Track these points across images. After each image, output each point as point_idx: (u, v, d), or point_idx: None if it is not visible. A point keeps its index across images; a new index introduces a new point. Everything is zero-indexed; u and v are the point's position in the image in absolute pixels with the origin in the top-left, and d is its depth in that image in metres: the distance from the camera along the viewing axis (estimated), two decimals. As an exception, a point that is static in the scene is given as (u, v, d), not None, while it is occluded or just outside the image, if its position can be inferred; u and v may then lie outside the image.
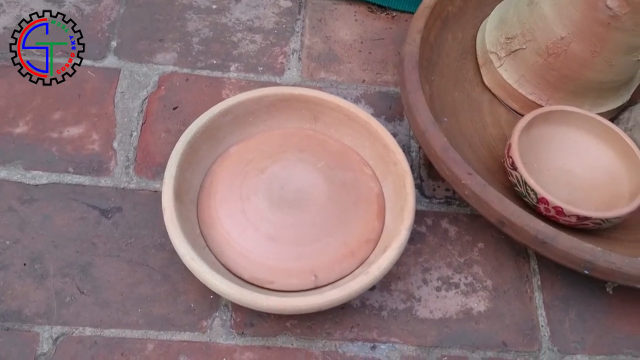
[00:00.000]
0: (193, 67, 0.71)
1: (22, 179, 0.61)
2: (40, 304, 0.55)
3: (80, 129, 0.65)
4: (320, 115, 0.64)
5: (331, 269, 0.56)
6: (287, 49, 0.74)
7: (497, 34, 0.69)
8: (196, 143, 0.59)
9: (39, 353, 0.53)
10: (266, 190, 0.58)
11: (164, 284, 0.57)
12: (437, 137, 0.58)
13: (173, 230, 0.53)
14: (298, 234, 0.56)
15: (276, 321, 0.57)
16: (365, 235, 0.58)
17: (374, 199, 0.60)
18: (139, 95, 0.68)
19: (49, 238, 0.58)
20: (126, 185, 0.62)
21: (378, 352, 0.56)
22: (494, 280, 0.61)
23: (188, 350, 0.54)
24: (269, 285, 0.55)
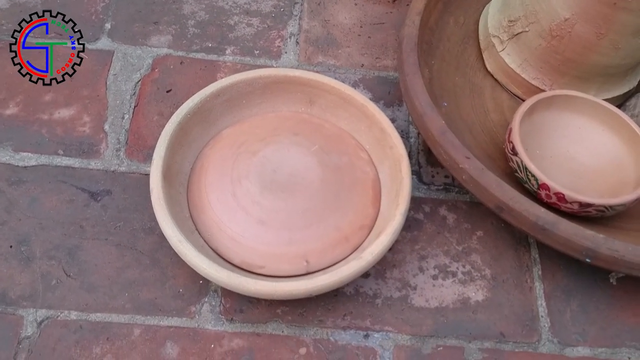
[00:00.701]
0: (188, 50, 0.69)
1: (11, 161, 0.60)
2: (25, 286, 0.54)
3: (71, 111, 0.64)
4: (316, 98, 0.62)
5: (324, 255, 0.54)
6: (284, 32, 0.72)
7: (499, 17, 0.67)
8: (187, 124, 0.58)
9: (23, 336, 0.52)
10: (258, 174, 0.56)
11: (152, 269, 0.56)
12: (435, 120, 0.56)
13: (160, 211, 0.52)
14: (290, 218, 0.55)
15: (267, 308, 0.55)
16: (360, 221, 0.56)
17: (369, 184, 0.58)
18: (132, 78, 0.67)
19: (36, 220, 0.57)
20: (116, 168, 0.61)
21: (371, 341, 0.54)
22: (493, 269, 0.59)
23: (175, 336, 0.53)
24: (259, 270, 0.53)
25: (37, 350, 0.51)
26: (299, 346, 0.54)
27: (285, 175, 0.57)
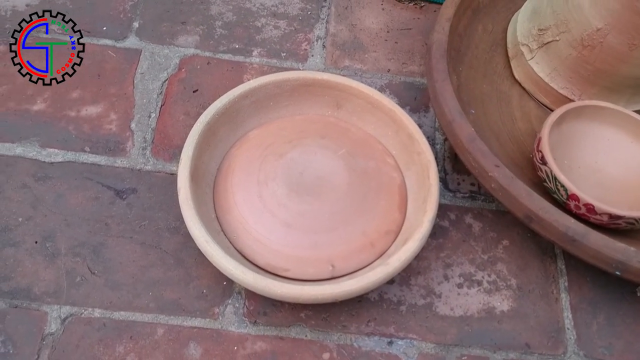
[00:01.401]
0: (215, 51, 0.69)
1: (38, 156, 0.60)
2: (50, 283, 0.54)
3: (99, 109, 0.64)
4: (343, 102, 0.62)
5: (349, 259, 0.54)
6: (311, 35, 0.72)
7: (529, 26, 0.67)
8: (215, 125, 0.57)
9: (47, 332, 0.52)
10: (285, 176, 0.56)
11: (176, 268, 0.56)
12: (464, 127, 0.56)
13: (187, 211, 0.51)
14: (316, 221, 0.54)
15: (290, 311, 0.55)
16: (386, 226, 0.56)
17: (395, 189, 0.58)
18: (159, 77, 0.67)
19: (61, 217, 0.57)
20: (142, 166, 0.61)
21: (395, 348, 0.54)
22: (519, 279, 0.58)
23: (199, 337, 0.53)
24: (284, 273, 0.53)
25: (60, 347, 0.51)
26: (322, 351, 0.53)
27: (312, 178, 0.56)
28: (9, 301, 0.53)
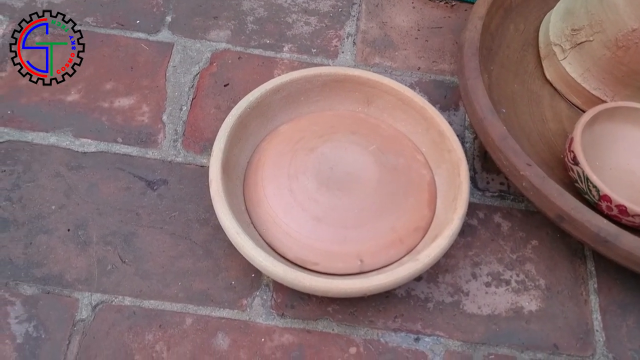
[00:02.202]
0: (246, 46, 0.70)
1: (71, 146, 0.61)
2: (81, 270, 0.55)
3: (131, 100, 0.64)
4: (374, 98, 0.62)
5: (378, 255, 0.54)
6: (341, 32, 0.72)
7: (562, 26, 0.66)
8: (246, 118, 0.58)
9: (78, 319, 0.52)
10: (315, 170, 0.56)
11: (205, 260, 0.56)
12: (496, 125, 0.56)
13: (219, 203, 0.52)
14: (345, 216, 0.55)
15: (318, 305, 0.55)
16: (415, 223, 0.56)
17: (425, 186, 0.58)
18: (190, 71, 0.67)
19: (94, 206, 0.58)
20: (173, 158, 0.61)
21: (422, 345, 0.54)
22: (548, 279, 0.58)
23: (227, 328, 0.53)
24: (313, 266, 0.53)
25: (91, 334, 0.52)
26: (349, 345, 0.53)
27: (342, 173, 0.57)
28: (42, 287, 0.54)
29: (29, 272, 0.54)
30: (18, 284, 0.54)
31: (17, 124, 0.62)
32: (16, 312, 0.52)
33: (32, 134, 0.61)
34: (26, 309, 0.52)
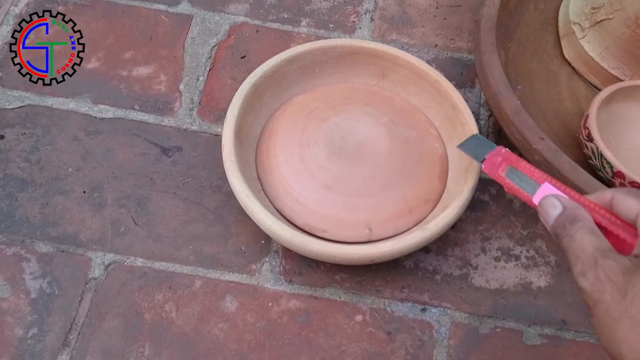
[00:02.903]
0: (264, 20, 0.70)
1: (90, 112, 0.62)
2: (95, 231, 0.56)
3: (149, 69, 0.65)
4: (389, 71, 0.62)
5: (386, 224, 0.54)
6: (360, 8, 0.72)
7: (582, 4, 0.66)
8: (261, 87, 0.58)
9: (90, 277, 0.54)
10: (327, 139, 0.57)
11: (216, 225, 0.57)
12: (510, 99, 0.55)
13: (230, 167, 0.53)
14: (355, 185, 0.55)
15: (325, 272, 0.55)
16: (425, 195, 0.56)
17: (437, 159, 0.58)
18: (208, 42, 0.68)
19: (109, 169, 0.59)
20: (188, 126, 0.62)
21: (428, 315, 0.54)
22: (558, 256, 0.57)
23: (235, 291, 0.54)
24: (321, 234, 0.54)
25: (102, 292, 0.53)
26: (355, 313, 0.54)
27: (354, 143, 0.57)
28: (57, 245, 0.55)
29: (45, 231, 0.56)
30: (34, 242, 0.55)
31: (38, 89, 0.63)
32: (31, 269, 0.54)
33: (52, 99, 0.63)
34: (41, 265, 0.54)
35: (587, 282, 0.34)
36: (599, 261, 0.34)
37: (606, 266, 0.34)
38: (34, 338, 0.51)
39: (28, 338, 0.51)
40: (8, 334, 0.51)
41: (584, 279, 0.35)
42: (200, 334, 0.52)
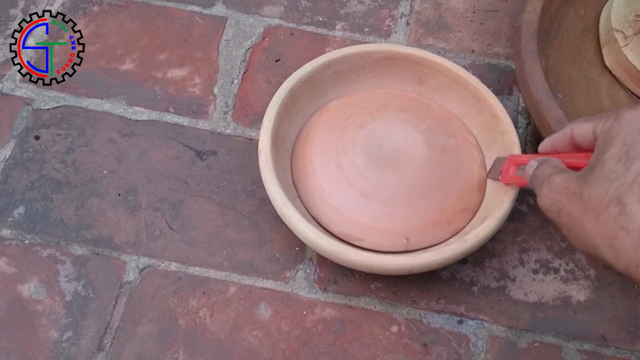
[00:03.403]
0: (299, 22, 0.69)
1: (124, 113, 0.62)
2: (130, 234, 0.56)
3: (184, 72, 0.65)
4: (427, 77, 0.61)
5: (424, 234, 0.53)
6: (395, 12, 0.71)
7: (625, 11, 0.64)
8: (297, 92, 0.58)
9: (125, 281, 0.53)
10: (364, 146, 0.56)
11: (250, 230, 0.56)
12: (552, 108, 0.54)
13: (267, 174, 0.52)
14: (393, 193, 0.54)
15: (360, 281, 0.55)
16: (463, 204, 0.55)
17: (475, 168, 0.57)
18: (243, 45, 0.67)
19: (144, 172, 0.59)
20: (223, 130, 0.62)
21: (465, 328, 0.53)
22: (598, 270, 0.56)
23: (269, 298, 0.53)
24: (358, 242, 0.53)
25: (137, 296, 0.53)
26: (390, 323, 0.53)
27: (392, 151, 0.56)
28: (91, 248, 0.55)
29: (80, 233, 0.55)
30: (69, 244, 0.55)
31: (73, 90, 0.63)
32: (66, 271, 0.54)
33: (87, 100, 0.63)
34: (76, 268, 0.54)
35: (544, 198, 0.39)
36: (552, 177, 0.39)
37: (559, 178, 0.38)
38: (68, 341, 0.51)
39: (63, 341, 0.51)
40: (43, 336, 0.51)
41: (541, 198, 0.39)
42: (235, 341, 0.51)
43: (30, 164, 0.59)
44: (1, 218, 0.56)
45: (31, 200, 0.57)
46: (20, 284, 0.53)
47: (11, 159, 0.59)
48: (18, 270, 0.53)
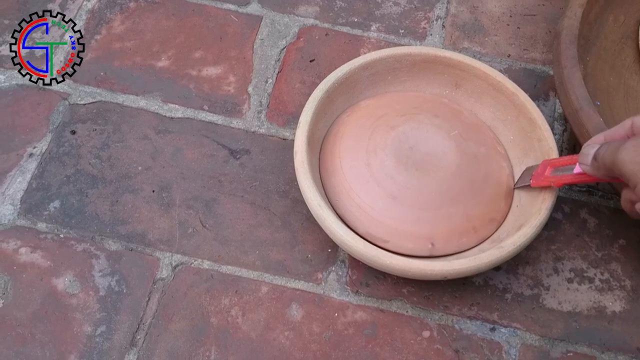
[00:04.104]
0: (334, 23, 0.69)
1: (159, 110, 0.62)
2: (163, 231, 0.56)
3: (219, 70, 0.65)
4: (463, 82, 0.60)
5: (450, 240, 0.53)
6: (431, 14, 0.71)
7: (667, 19, 0.63)
8: (333, 93, 0.58)
9: (158, 277, 0.54)
10: (394, 148, 0.55)
11: (283, 231, 0.56)
12: (592, 116, 0.53)
13: (303, 174, 0.52)
14: (421, 197, 0.53)
15: (392, 285, 0.54)
16: (491, 214, 0.54)
17: (504, 179, 0.56)
18: (277, 44, 0.67)
19: (178, 170, 0.59)
20: (257, 129, 0.62)
21: (497, 335, 0.52)
22: (634, 281, 0.55)
23: (301, 299, 0.53)
24: (383, 244, 0.52)
25: (170, 293, 0.53)
26: (422, 328, 0.53)
27: (422, 154, 0.56)
28: (125, 244, 0.55)
29: (114, 228, 0.56)
30: (103, 239, 0.55)
31: (110, 86, 0.64)
32: (100, 266, 0.54)
33: (123, 96, 0.63)
34: (110, 263, 0.54)
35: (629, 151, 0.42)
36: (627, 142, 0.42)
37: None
38: (102, 336, 0.51)
39: (96, 336, 0.51)
40: (77, 330, 0.51)
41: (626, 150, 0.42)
42: (266, 341, 0.51)
43: (66, 158, 0.59)
44: (37, 212, 0.56)
45: (67, 195, 0.57)
46: (55, 278, 0.53)
47: (47, 153, 0.59)
48: (53, 264, 0.54)
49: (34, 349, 0.50)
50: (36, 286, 0.53)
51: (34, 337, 0.51)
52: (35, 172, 0.58)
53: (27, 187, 0.57)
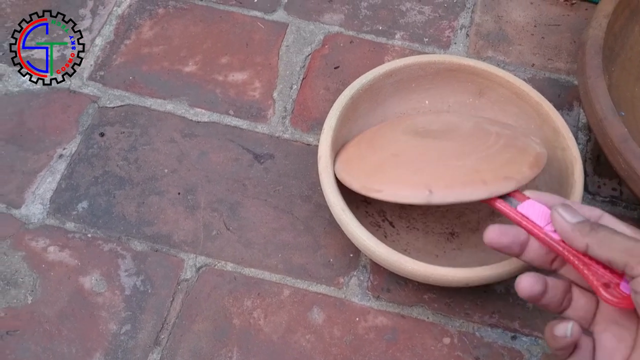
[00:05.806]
0: (359, 31, 0.70)
1: (186, 114, 0.64)
2: (188, 232, 0.57)
3: (244, 75, 0.66)
4: (487, 90, 0.61)
5: (450, 189, 0.47)
6: (455, 23, 0.71)
7: (694, 30, 0.63)
8: (358, 100, 0.58)
9: (182, 278, 0.55)
10: (409, 127, 0.55)
11: (305, 235, 0.57)
12: (617, 126, 0.53)
13: (326, 179, 0.52)
14: (424, 153, 0.51)
15: (414, 291, 0.55)
16: (506, 173, 0.48)
17: (531, 152, 0.51)
18: (303, 51, 0.68)
19: (203, 173, 0.60)
20: (281, 134, 0.63)
21: (518, 344, 0.52)
22: (658, 292, 0.55)
23: (322, 303, 0.54)
24: (376, 194, 0.49)
25: (193, 294, 0.54)
26: (443, 335, 0.53)
27: (439, 125, 0.55)
28: (151, 245, 0.56)
29: (140, 229, 0.57)
30: (129, 240, 0.56)
31: (138, 90, 0.65)
32: (126, 266, 0.55)
33: (151, 100, 0.64)
34: (136, 263, 0.55)
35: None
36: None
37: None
38: (127, 334, 0.52)
39: (121, 334, 0.52)
40: (102, 328, 0.52)
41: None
42: (287, 344, 0.52)
43: (95, 160, 0.60)
44: (66, 211, 0.58)
45: (95, 196, 0.58)
46: (82, 276, 0.54)
47: (77, 154, 0.61)
48: (80, 263, 0.55)
49: (61, 345, 0.51)
50: (64, 284, 0.54)
51: (60, 333, 0.52)
52: (64, 172, 0.60)
53: (57, 187, 0.59)
